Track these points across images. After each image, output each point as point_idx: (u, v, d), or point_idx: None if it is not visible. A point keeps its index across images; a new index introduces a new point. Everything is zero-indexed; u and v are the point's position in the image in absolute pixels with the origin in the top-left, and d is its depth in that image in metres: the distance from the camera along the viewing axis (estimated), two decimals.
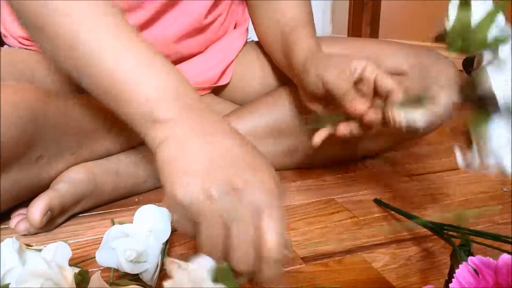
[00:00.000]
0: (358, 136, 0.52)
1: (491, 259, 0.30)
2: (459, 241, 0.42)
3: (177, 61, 0.71)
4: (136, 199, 0.64)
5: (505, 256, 0.29)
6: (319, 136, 0.53)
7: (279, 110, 0.69)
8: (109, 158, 0.63)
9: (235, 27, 0.78)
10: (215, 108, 0.74)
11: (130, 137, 0.65)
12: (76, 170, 0.59)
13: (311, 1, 0.67)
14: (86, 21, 0.41)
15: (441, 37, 0.36)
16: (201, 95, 0.74)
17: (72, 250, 0.37)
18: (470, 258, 0.30)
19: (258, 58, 0.76)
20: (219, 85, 0.75)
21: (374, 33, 1.83)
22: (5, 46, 0.70)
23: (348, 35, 1.89)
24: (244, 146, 0.36)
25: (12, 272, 0.35)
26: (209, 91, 0.75)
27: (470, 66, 1.44)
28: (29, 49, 0.66)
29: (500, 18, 0.35)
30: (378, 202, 0.61)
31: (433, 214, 0.59)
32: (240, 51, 0.77)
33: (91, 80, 0.42)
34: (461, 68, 1.46)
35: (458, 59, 1.43)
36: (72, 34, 0.40)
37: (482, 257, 0.30)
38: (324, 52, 0.58)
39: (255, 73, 0.76)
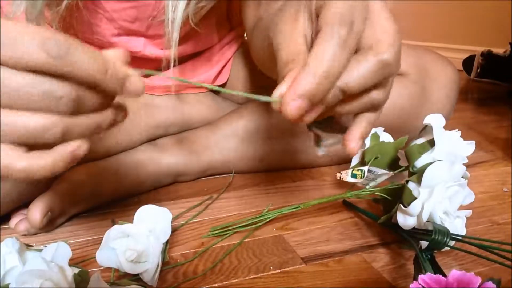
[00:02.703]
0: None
1: (440, 276, 0.30)
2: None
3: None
4: (136, 199, 0.64)
5: (455, 273, 0.29)
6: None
7: (270, 112, 0.68)
8: (109, 158, 0.63)
9: (231, 28, 0.78)
10: (216, 107, 0.74)
11: (129, 138, 0.65)
12: (76, 171, 0.59)
13: None
14: None
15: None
16: (201, 94, 0.74)
17: (72, 250, 0.37)
18: (420, 276, 0.30)
19: None
20: (218, 85, 0.76)
21: None
22: None
23: None
24: None
25: (12, 272, 0.35)
26: (206, 90, 0.75)
27: (470, 66, 1.45)
28: None
29: None
30: (346, 204, 0.61)
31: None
32: (236, 51, 0.78)
33: None
34: (461, 68, 1.47)
35: (457, 59, 1.43)
36: None
37: (432, 274, 0.30)
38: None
39: (253, 72, 0.76)
